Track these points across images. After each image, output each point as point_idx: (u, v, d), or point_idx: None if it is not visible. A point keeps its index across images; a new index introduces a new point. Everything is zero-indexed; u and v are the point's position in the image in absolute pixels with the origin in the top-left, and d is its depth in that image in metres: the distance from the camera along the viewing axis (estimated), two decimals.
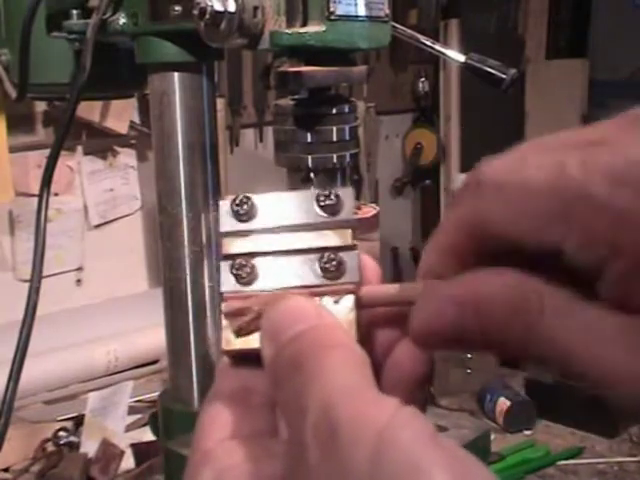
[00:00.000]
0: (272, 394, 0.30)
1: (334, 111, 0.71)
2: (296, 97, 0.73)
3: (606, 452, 1.42)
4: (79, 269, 1.97)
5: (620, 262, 0.26)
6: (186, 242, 0.77)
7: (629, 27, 2.91)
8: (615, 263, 0.26)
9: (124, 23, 0.74)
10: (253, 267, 0.33)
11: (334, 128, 0.71)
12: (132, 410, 1.45)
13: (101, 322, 1.83)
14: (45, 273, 0.80)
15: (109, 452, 1.32)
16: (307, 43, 0.66)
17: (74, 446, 1.38)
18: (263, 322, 0.31)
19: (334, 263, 0.32)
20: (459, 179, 2.59)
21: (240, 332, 0.32)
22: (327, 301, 0.32)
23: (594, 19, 3.04)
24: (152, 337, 1.63)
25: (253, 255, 0.33)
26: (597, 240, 0.26)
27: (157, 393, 0.87)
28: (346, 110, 0.72)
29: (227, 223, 0.34)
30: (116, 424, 1.38)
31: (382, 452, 0.24)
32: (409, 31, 0.86)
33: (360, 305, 0.32)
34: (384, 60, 2.65)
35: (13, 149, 1.67)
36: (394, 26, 0.76)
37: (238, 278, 0.33)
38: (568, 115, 2.81)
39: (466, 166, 2.64)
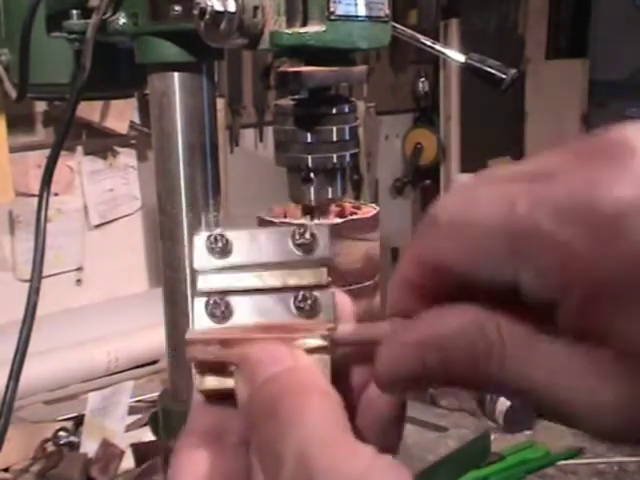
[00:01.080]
0: (247, 435, 0.30)
1: (334, 111, 0.71)
2: (296, 97, 0.73)
3: (606, 452, 1.42)
4: (79, 269, 1.97)
5: (572, 297, 0.26)
6: (186, 242, 0.77)
7: (629, 27, 2.91)
8: (568, 299, 0.26)
9: (124, 23, 0.74)
10: (227, 304, 0.33)
11: (334, 128, 0.71)
12: (132, 410, 1.45)
13: (101, 322, 1.83)
14: (45, 273, 0.79)
15: (109, 452, 1.32)
16: (307, 43, 0.66)
17: (74, 446, 1.38)
18: (238, 363, 0.31)
19: (309, 302, 0.32)
20: (459, 179, 2.59)
21: (214, 371, 0.32)
22: (301, 342, 0.31)
23: (594, 19, 3.04)
24: (152, 337, 1.63)
25: (227, 293, 0.33)
26: (548, 277, 0.26)
27: (157, 393, 0.87)
28: (346, 110, 0.72)
29: (201, 259, 0.33)
30: (116, 424, 1.38)
31: None
32: (409, 31, 0.86)
33: (334, 344, 0.32)
34: (384, 60, 2.66)
35: (13, 149, 1.67)
36: (394, 26, 0.75)
37: (212, 317, 0.33)
38: (568, 115, 2.81)
39: (466, 166, 2.64)
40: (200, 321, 0.33)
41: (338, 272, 0.64)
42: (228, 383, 0.31)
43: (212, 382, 0.32)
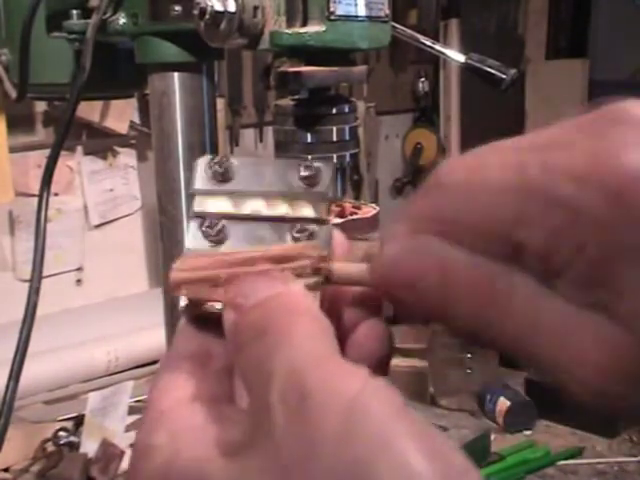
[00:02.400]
0: (232, 359, 0.29)
1: (334, 111, 0.71)
2: (296, 97, 0.73)
3: (606, 452, 1.42)
4: (79, 269, 1.97)
5: (584, 259, 0.26)
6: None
7: (629, 27, 2.91)
8: (579, 260, 0.26)
9: (124, 23, 0.74)
10: (223, 228, 0.32)
11: (334, 128, 0.71)
12: (132, 410, 1.45)
13: (101, 322, 1.83)
14: (45, 273, 0.80)
15: (109, 452, 1.32)
16: (307, 43, 0.66)
17: (74, 446, 1.38)
18: (227, 287, 0.30)
19: (306, 234, 0.32)
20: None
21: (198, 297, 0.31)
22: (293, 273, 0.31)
23: (594, 19, 3.04)
24: (152, 337, 1.63)
25: (225, 216, 0.32)
26: (559, 238, 0.26)
27: None
28: (346, 110, 0.72)
29: (202, 181, 0.33)
30: (116, 424, 1.39)
31: (352, 421, 0.24)
32: (409, 31, 0.86)
33: (327, 281, 0.31)
34: (384, 60, 2.65)
35: (13, 149, 1.67)
36: (394, 26, 0.75)
37: (206, 236, 0.32)
38: (568, 115, 2.81)
39: None
40: (194, 241, 0.32)
41: None
42: (215, 307, 0.31)
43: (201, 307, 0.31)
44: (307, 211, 0.33)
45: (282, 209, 0.32)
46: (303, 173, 0.33)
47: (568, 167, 0.26)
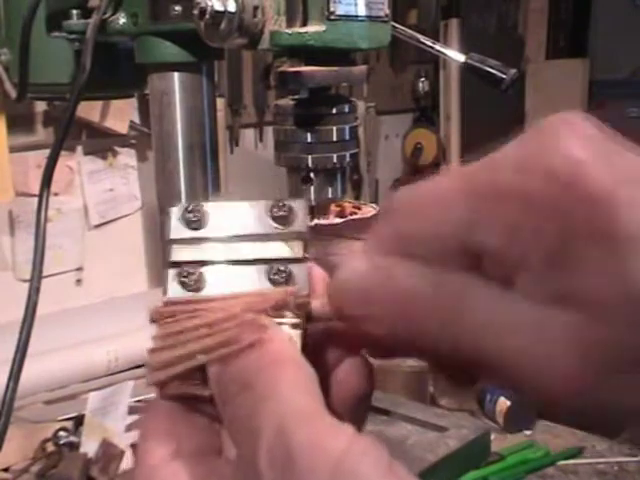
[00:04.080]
0: (218, 410, 0.29)
1: (334, 111, 0.71)
2: (296, 97, 0.73)
3: (606, 452, 1.42)
4: (79, 269, 1.97)
5: (541, 249, 0.26)
6: None
7: (629, 27, 2.91)
8: (537, 251, 0.26)
9: (124, 23, 0.74)
10: (201, 275, 0.32)
11: (334, 128, 0.71)
12: (132, 410, 1.45)
13: (101, 322, 1.83)
14: (45, 273, 0.79)
15: (109, 452, 1.32)
16: (307, 43, 0.66)
17: (74, 446, 1.38)
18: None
19: (283, 275, 0.32)
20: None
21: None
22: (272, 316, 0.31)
23: (594, 19, 3.04)
24: None
25: (201, 264, 0.32)
26: (515, 232, 0.26)
27: None
28: (346, 110, 0.72)
29: (177, 230, 0.33)
30: (116, 424, 1.38)
31: None
32: (409, 31, 0.86)
33: (309, 319, 0.31)
34: (384, 60, 2.65)
35: (13, 149, 1.67)
36: (394, 26, 0.75)
37: (185, 285, 0.32)
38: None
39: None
40: (173, 290, 0.32)
41: None
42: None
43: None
44: (283, 251, 0.32)
45: (257, 251, 0.32)
46: (276, 214, 0.33)
47: (512, 161, 0.27)
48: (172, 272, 0.33)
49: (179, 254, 0.33)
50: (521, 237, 0.26)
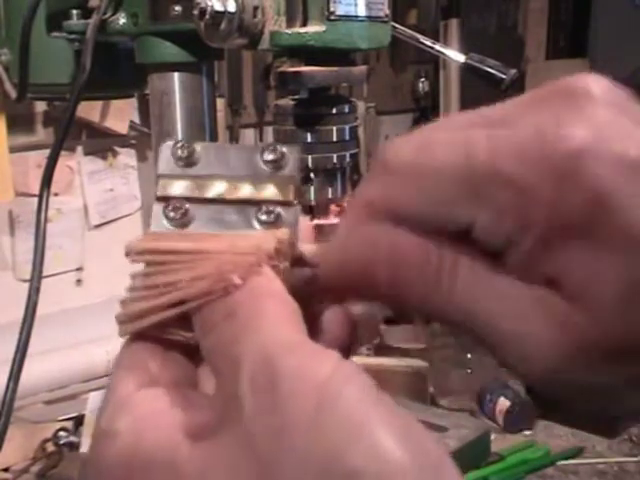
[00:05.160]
0: (198, 341, 0.29)
1: (334, 111, 0.71)
2: (296, 97, 0.73)
3: (606, 452, 1.42)
4: (79, 269, 1.97)
5: (529, 238, 0.26)
6: None
7: (629, 27, 2.91)
8: (524, 239, 0.26)
9: (124, 23, 0.74)
10: (187, 211, 0.32)
11: (334, 128, 0.71)
12: None
13: (101, 322, 1.83)
14: (45, 273, 0.79)
15: None
16: (307, 43, 0.66)
17: (74, 446, 1.38)
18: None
19: (272, 216, 0.31)
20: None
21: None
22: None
23: (594, 19, 3.04)
24: None
25: (189, 200, 0.32)
26: (506, 217, 0.27)
27: None
28: (346, 110, 0.72)
29: (166, 165, 0.33)
30: None
31: (324, 406, 0.24)
32: (409, 31, 0.86)
33: (295, 263, 0.31)
34: (384, 60, 2.65)
35: (13, 149, 1.67)
36: (394, 26, 0.76)
37: (170, 220, 0.32)
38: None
39: None
40: (157, 224, 0.32)
41: None
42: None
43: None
44: (273, 194, 0.32)
45: (247, 192, 0.32)
46: (268, 157, 0.32)
47: (514, 146, 0.26)
48: (158, 206, 0.32)
49: (167, 189, 0.32)
50: (513, 223, 0.26)
